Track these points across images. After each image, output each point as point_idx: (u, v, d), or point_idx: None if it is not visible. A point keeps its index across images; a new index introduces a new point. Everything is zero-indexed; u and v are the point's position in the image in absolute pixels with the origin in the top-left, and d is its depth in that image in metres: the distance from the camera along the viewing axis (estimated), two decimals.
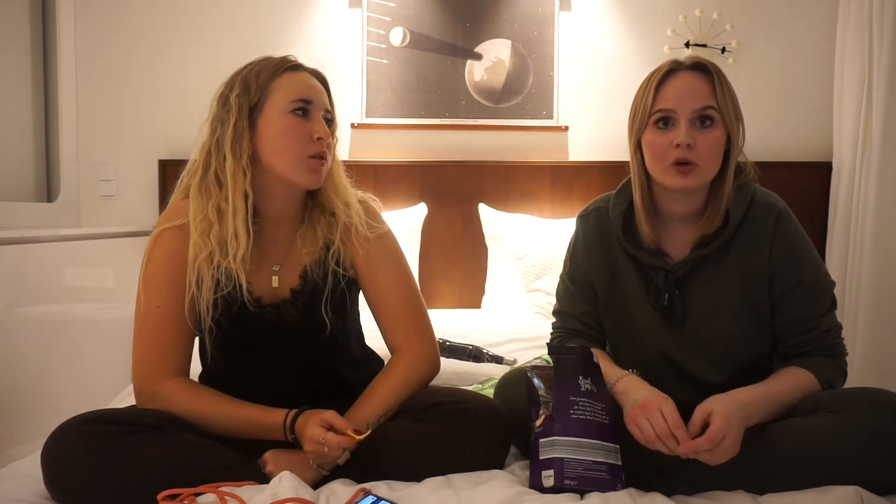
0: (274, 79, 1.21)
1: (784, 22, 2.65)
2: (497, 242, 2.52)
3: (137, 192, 2.66)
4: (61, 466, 1.03)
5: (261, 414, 1.15)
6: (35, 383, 2.00)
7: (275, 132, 1.19)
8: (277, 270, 1.25)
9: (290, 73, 1.23)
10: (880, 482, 1.03)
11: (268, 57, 1.25)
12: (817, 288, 1.23)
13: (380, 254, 1.30)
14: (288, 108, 1.19)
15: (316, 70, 1.28)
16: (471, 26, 2.65)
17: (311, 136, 1.20)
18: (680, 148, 1.17)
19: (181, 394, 1.17)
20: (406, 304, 1.30)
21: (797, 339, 1.24)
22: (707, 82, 1.20)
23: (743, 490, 1.08)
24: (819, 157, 2.65)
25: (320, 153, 1.20)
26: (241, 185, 1.17)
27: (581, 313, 1.38)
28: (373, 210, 1.34)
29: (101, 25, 2.63)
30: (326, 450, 1.07)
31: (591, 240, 1.35)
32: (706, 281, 1.25)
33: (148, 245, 1.23)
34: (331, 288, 1.24)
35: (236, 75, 1.23)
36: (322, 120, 1.22)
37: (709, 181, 1.22)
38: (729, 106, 1.20)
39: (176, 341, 1.20)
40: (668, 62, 1.23)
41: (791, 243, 1.22)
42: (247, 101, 1.19)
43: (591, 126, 2.67)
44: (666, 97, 1.20)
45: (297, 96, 1.20)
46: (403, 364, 1.26)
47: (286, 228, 1.27)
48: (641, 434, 1.09)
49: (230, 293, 1.19)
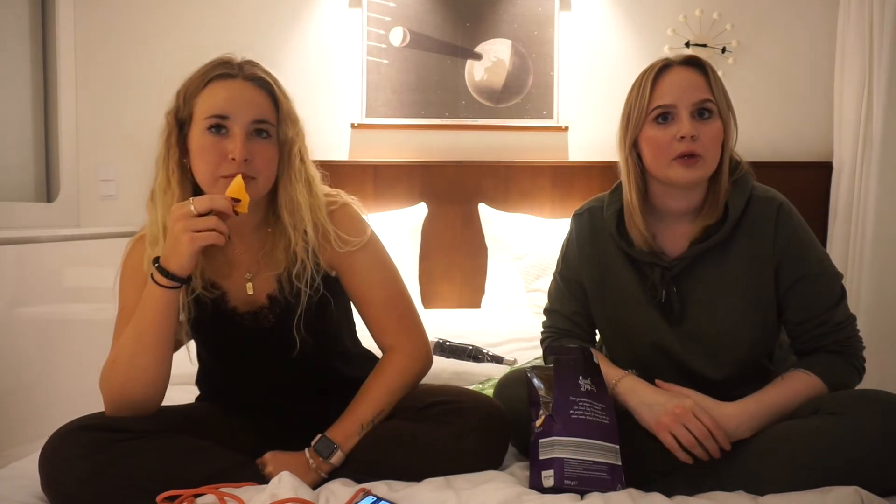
0: (198, 92, 1.13)
1: (784, 22, 2.65)
2: (497, 242, 2.52)
3: (137, 192, 2.65)
4: (60, 475, 1.03)
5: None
6: (35, 383, 2.00)
7: (194, 151, 1.13)
8: (250, 278, 1.22)
9: (215, 83, 1.13)
10: (880, 483, 1.02)
11: (210, 63, 1.16)
12: (824, 279, 1.22)
13: (358, 260, 1.24)
14: (204, 125, 1.11)
15: (255, 74, 1.15)
16: (471, 26, 2.65)
17: (226, 155, 1.10)
18: (685, 140, 1.17)
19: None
20: (391, 305, 1.26)
21: (810, 334, 1.23)
22: (702, 76, 1.22)
23: (743, 490, 1.08)
24: (819, 157, 2.65)
25: (234, 174, 1.09)
26: (168, 202, 1.13)
27: (571, 313, 1.38)
28: (351, 216, 1.25)
29: (101, 25, 2.63)
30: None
31: (583, 239, 1.35)
32: (705, 277, 1.25)
33: (124, 252, 1.24)
34: (308, 292, 1.18)
35: (181, 86, 1.17)
36: (244, 135, 1.11)
37: (711, 173, 1.22)
38: (723, 99, 1.22)
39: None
40: (660, 60, 1.25)
41: (795, 235, 1.22)
42: (175, 118, 1.15)
43: (591, 126, 2.67)
44: (663, 93, 1.20)
45: (210, 112, 1.11)
46: (395, 363, 1.24)
47: (251, 237, 1.22)
48: (681, 440, 1.10)
49: (198, 299, 1.18)
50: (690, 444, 1.10)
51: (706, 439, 1.10)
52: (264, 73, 1.17)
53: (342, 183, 1.36)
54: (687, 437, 1.10)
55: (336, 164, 2.59)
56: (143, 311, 1.10)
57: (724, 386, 1.22)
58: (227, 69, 1.14)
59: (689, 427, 1.10)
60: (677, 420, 1.11)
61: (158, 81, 2.62)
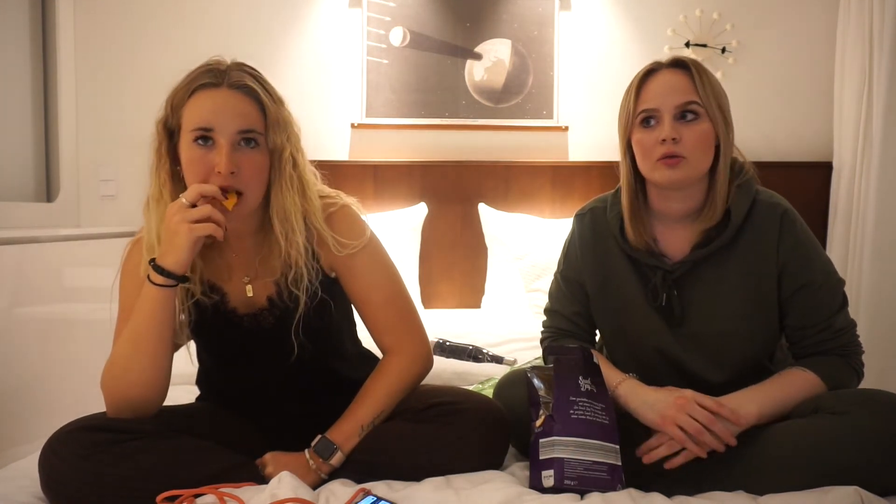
0: (185, 102, 1.12)
1: (784, 22, 2.65)
2: (497, 242, 2.52)
3: (137, 192, 2.62)
4: (60, 475, 1.03)
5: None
6: (35, 383, 2.00)
7: (184, 161, 1.12)
8: (248, 281, 1.22)
9: (200, 93, 1.11)
10: (880, 483, 1.02)
11: (197, 69, 1.14)
12: (828, 286, 1.23)
13: (357, 261, 1.24)
14: (191, 137, 1.10)
15: (241, 81, 1.12)
16: (471, 26, 2.65)
17: (213, 168, 1.09)
18: (666, 143, 1.18)
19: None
20: (390, 306, 1.26)
21: (811, 340, 1.24)
22: (687, 78, 1.21)
23: (743, 490, 1.08)
24: (819, 157, 2.64)
25: (223, 187, 1.08)
26: (161, 211, 1.13)
27: (571, 313, 1.38)
28: (349, 218, 1.24)
29: (101, 25, 2.63)
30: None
31: (585, 239, 1.35)
32: (707, 281, 1.25)
33: (123, 253, 1.24)
34: (305, 298, 1.18)
35: (168, 95, 1.15)
36: (229, 147, 1.09)
37: (699, 174, 1.22)
38: (711, 100, 1.20)
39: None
40: (650, 63, 1.26)
41: (799, 242, 1.22)
42: (164, 128, 1.15)
43: (591, 126, 2.67)
44: (648, 97, 1.22)
45: (195, 125, 1.09)
46: (395, 364, 1.24)
47: (250, 240, 1.22)
48: (687, 429, 1.10)
49: (198, 302, 1.19)
50: (698, 431, 1.09)
51: (713, 424, 1.09)
52: (251, 80, 1.13)
53: (342, 183, 1.37)
54: (693, 425, 1.10)
55: (336, 164, 2.59)
56: (140, 312, 1.10)
57: (725, 388, 1.22)
58: (211, 78, 1.11)
59: (693, 415, 1.10)
60: (681, 410, 1.11)
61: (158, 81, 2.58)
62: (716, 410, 1.11)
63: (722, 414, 1.10)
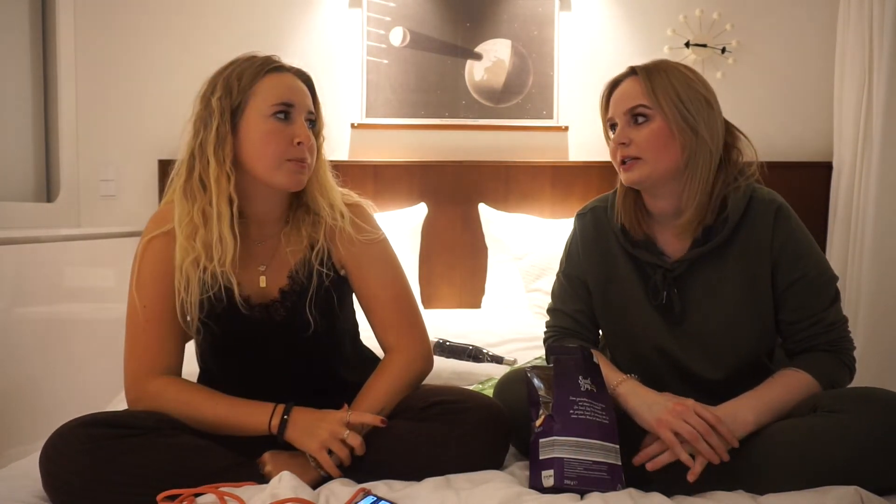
0: (256, 81, 1.18)
1: (784, 22, 2.65)
2: (497, 243, 2.53)
3: (137, 192, 2.66)
4: (60, 471, 1.03)
5: (250, 407, 1.17)
6: (35, 383, 2.00)
7: (256, 136, 1.17)
8: (264, 270, 1.25)
9: (273, 74, 1.20)
10: (880, 482, 1.03)
11: (251, 56, 1.22)
12: (821, 281, 1.23)
13: (370, 255, 1.29)
14: (269, 111, 1.17)
15: (300, 70, 1.25)
16: (471, 26, 2.65)
17: (292, 140, 1.18)
18: (621, 146, 1.24)
19: (169, 390, 1.18)
20: (396, 304, 1.29)
21: (802, 335, 1.24)
22: (638, 84, 1.25)
23: (743, 490, 1.08)
24: (819, 157, 2.65)
25: (300, 157, 1.19)
26: (224, 189, 1.16)
27: (575, 311, 1.39)
28: (365, 214, 1.33)
29: (101, 25, 2.63)
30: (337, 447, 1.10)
31: (587, 238, 1.36)
32: (705, 279, 1.26)
33: (137, 251, 1.23)
34: (315, 288, 1.23)
35: (218, 75, 1.20)
36: (304, 123, 1.21)
37: (661, 173, 1.22)
38: (664, 101, 1.21)
39: (164, 341, 1.21)
40: (616, 76, 1.31)
41: (792, 237, 1.23)
42: (228, 105, 1.17)
43: (591, 126, 2.66)
44: (610, 107, 1.29)
45: (279, 100, 1.18)
46: (397, 363, 1.26)
47: (271, 228, 1.27)
48: (683, 434, 1.10)
49: (216, 294, 1.19)
50: (692, 436, 1.09)
51: (709, 434, 1.09)
52: (304, 72, 1.26)
53: (342, 183, 1.37)
54: (688, 431, 1.09)
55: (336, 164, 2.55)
56: (229, 419, 1.15)
57: (725, 386, 1.23)
58: (279, 63, 1.22)
59: (689, 422, 1.10)
60: (678, 416, 1.11)
61: (158, 81, 2.62)
62: (713, 423, 1.10)
63: (718, 430, 1.09)
